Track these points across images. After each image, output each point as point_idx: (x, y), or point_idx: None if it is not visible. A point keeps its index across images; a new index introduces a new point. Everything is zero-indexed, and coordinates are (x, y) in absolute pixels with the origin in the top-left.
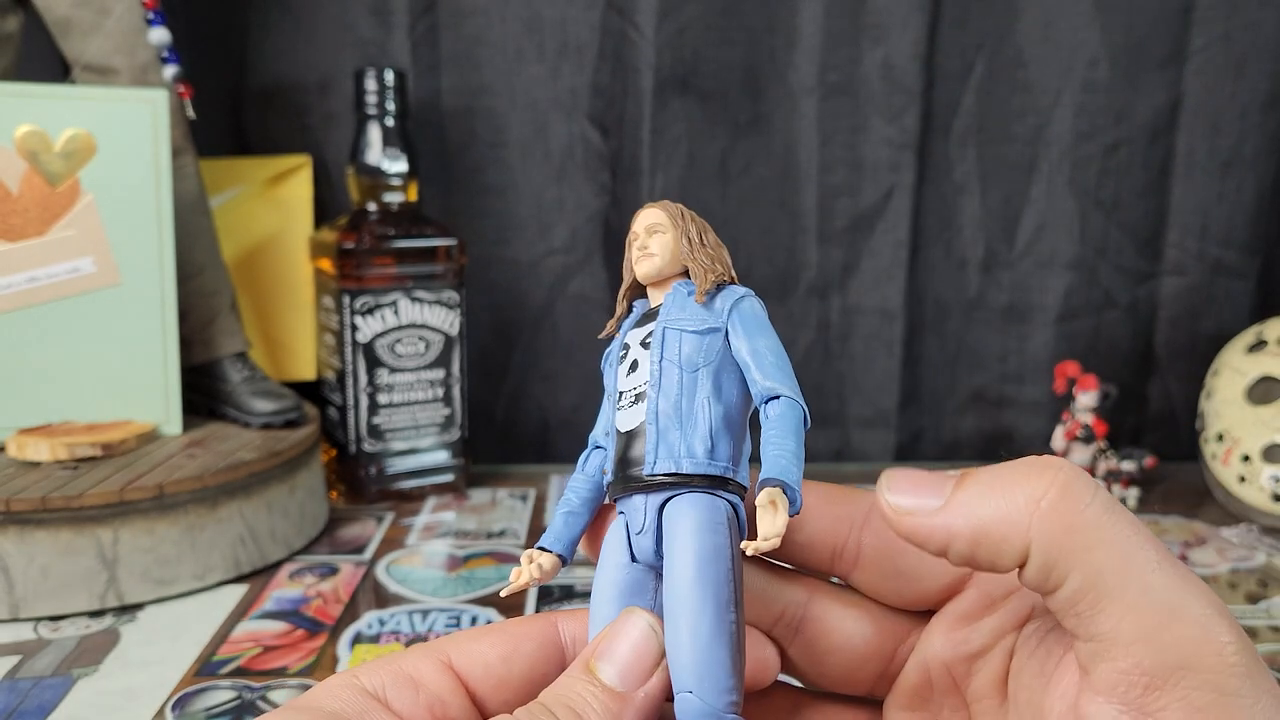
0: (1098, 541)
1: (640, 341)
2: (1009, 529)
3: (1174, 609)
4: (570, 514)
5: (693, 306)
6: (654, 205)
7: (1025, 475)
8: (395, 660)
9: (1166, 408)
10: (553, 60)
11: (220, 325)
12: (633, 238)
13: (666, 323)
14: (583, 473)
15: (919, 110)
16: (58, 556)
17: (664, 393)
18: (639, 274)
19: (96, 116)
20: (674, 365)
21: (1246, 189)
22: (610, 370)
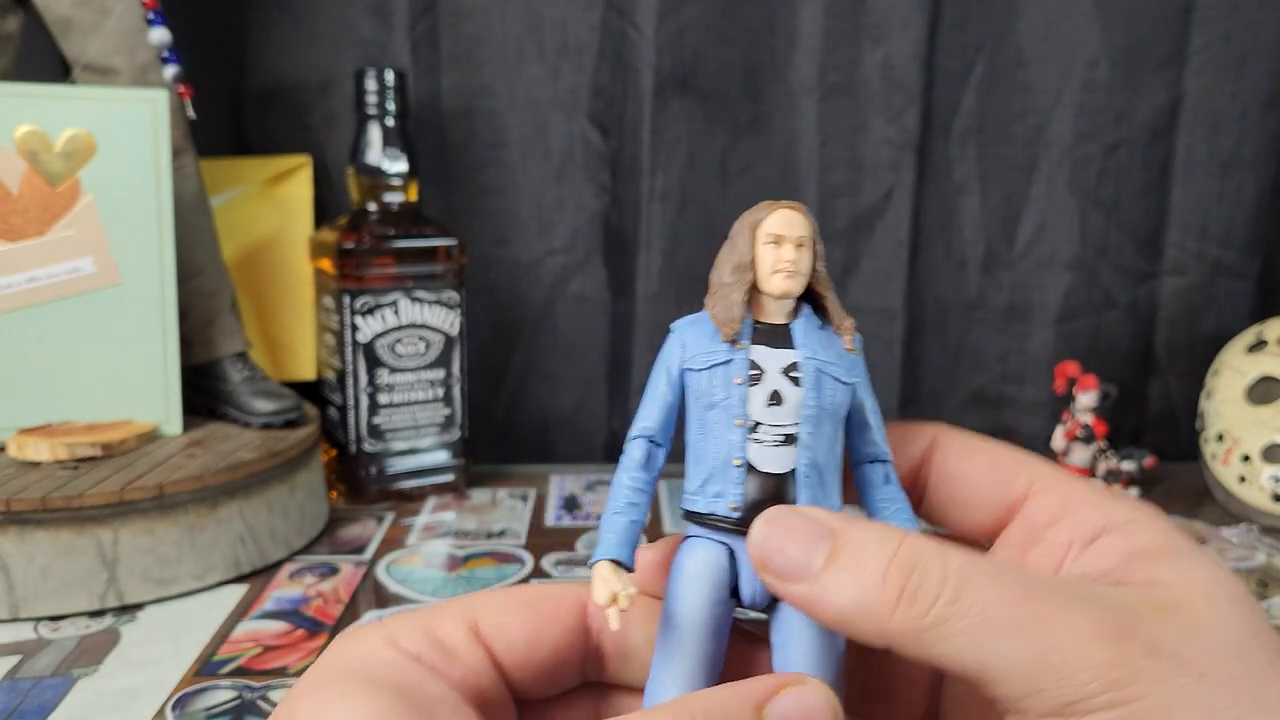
0: (952, 633)
1: (782, 370)
2: (866, 624)
3: (1043, 666)
4: (635, 522)
5: (840, 351)
6: (797, 210)
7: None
8: (427, 623)
9: (1166, 408)
10: (553, 60)
11: (220, 325)
12: (770, 240)
13: (820, 364)
14: (643, 471)
15: (919, 110)
16: (58, 556)
17: (817, 443)
18: (780, 289)
19: (97, 116)
20: (826, 415)
21: (1246, 189)
22: (724, 384)
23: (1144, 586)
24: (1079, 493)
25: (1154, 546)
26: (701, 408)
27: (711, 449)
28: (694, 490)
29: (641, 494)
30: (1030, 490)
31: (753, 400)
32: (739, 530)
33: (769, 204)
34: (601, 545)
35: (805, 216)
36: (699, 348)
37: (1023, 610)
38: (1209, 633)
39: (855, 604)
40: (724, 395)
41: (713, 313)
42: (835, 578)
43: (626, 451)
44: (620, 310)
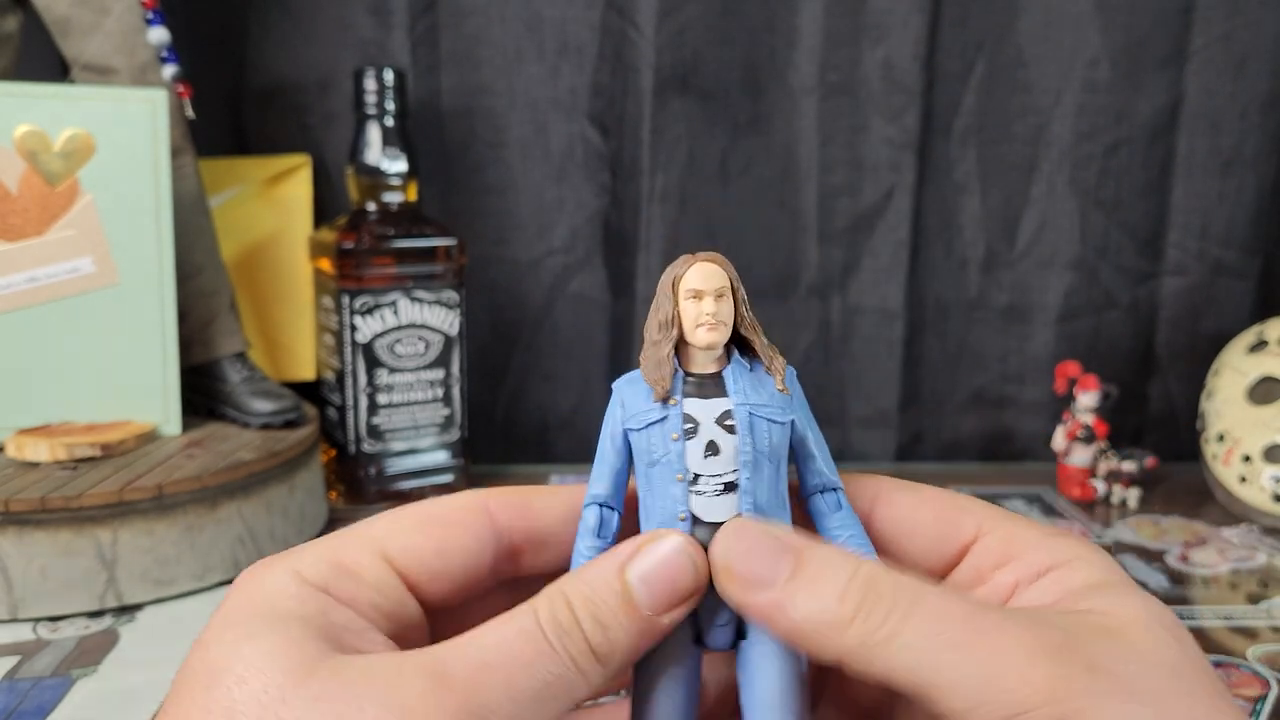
0: (901, 648)
1: (716, 420)
2: (823, 638)
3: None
4: None
5: (772, 392)
6: (712, 261)
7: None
8: (331, 550)
9: (1167, 408)
10: (553, 60)
11: (219, 325)
12: (691, 295)
13: (751, 408)
14: (598, 539)
15: (919, 110)
16: (57, 557)
17: (757, 487)
18: (705, 342)
19: (96, 116)
20: (764, 457)
21: (1247, 189)
22: (662, 441)
23: (1083, 614)
24: (1024, 534)
25: (1092, 582)
26: (644, 465)
27: (657, 505)
28: None
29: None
30: (977, 534)
31: (690, 454)
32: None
33: (687, 258)
34: None
35: (723, 267)
36: (636, 407)
37: (970, 627)
38: (1144, 655)
39: (814, 618)
40: (663, 452)
41: (644, 372)
42: (798, 592)
43: (583, 518)
44: (620, 310)
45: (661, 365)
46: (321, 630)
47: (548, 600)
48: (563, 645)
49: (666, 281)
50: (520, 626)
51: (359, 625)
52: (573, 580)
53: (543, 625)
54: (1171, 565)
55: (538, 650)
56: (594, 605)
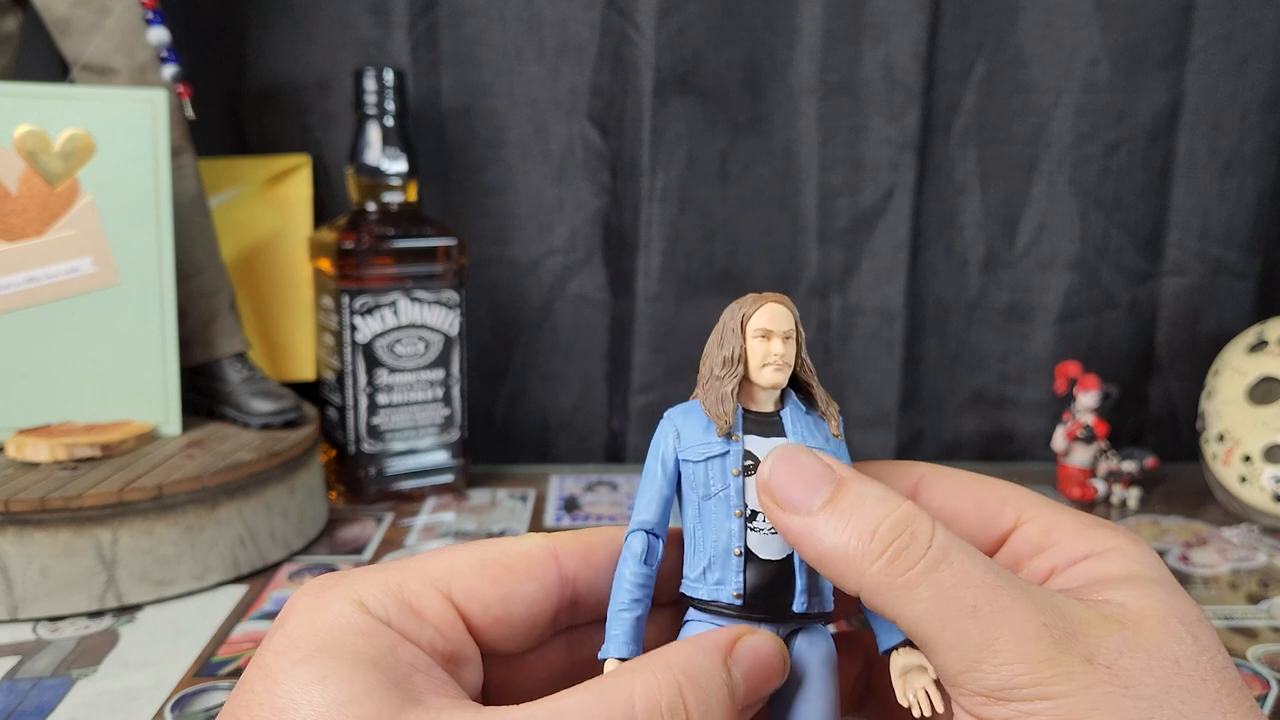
0: (919, 598)
1: None
2: (845, 569)
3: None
4: (640, 619)
5: (827, 435)
6: (781, 304)
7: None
8: (395, 583)
9: (1167, 408)
10: (552, 60)
11: (219, 325)
12: (759, 334)
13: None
14: (644, 566)
15: (919, 110)
16: (57, 557)
17: None
18: (771, 382)
19: (96, 116)
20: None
21: (1247, 189)
22: (721, 475)
23: (1100, 604)
24: (1064, 523)
25: (1123, 574)
26: (699, 497)
27: (710, 537)
28: (694, 577)
29: (644, 589)
30: (1017, 522)
31: (749, 490)
32: (743, 617)
33: (755, 297)
34: (610, 641)
35: (790, 309)
36: (693, 439)
37: (988, 595)
38: (1151, 649)
39: (840, 549)
40: (721, 486)
41: (705, 405)
42: (829, 520)
43: (628, 544)
44: (620, 310)
45: (725, 401)
46: (391, 675)
47: (652, 680)
48: None
49: (734, 318)
50: (611, 711)
51: (425, 664)
52: (678, 654)
53: (640, 710)
54: (1172, 565)
55: None
56: (703, 693)
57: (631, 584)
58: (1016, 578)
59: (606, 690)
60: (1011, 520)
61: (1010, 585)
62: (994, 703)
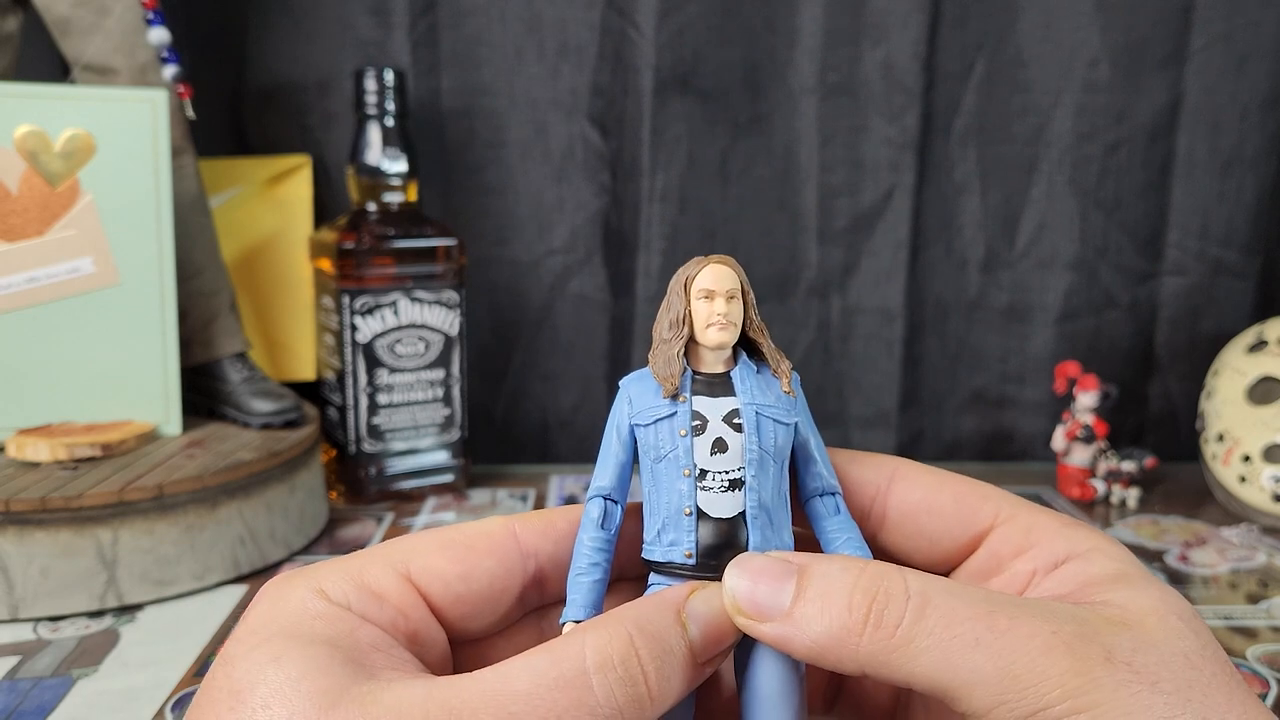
0: (919, 651)
1: (723, 418)
2: (839, 652)
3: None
4: (598, 581)
5: (778, 394)
6: (724, 264)
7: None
8: (355, 569)
9: (1167, 408)
10: (553, 60)
11: (220, 325)
12: (702, 295)
13: (759, 408)
14: (601, 530)
15: (919, 110)
16: (57, 557)
17: (762, 485)
18: (715, 342)
19: (96, 116)
20: (769, 456)
21: (1247, 189)
22: (670, 436)
23: (1099, 606)
24: (1042, 523)
25: (1109, 574)
26: (650, 460)
27: (663, 499)
28: (650, 540)
29: (602, 553)
30: (995, 521)
31: (697, 449)
32: (696, 575)
33: (699, 260)
34: (570, 605)
35: (734, 269)
36: (644, 403)
37: (984, 624)
38: (1160, 645)
39: (826, 634)
40: (670, 447)
41: (654, 369)
42: (805, 610)
43: (586, 511)
44: (620, 310)
45: (671, 363)
46: (348, 652)
47: (604, 634)
48: (610, 689)
49: (679, 281)
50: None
51: (386, 643)
52: (632, 611)
53: (591, 665)
54: (1171, 565)
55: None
56: (656, 645)
57: (590, 548)
58: (1005, 595)
59: (557, 648)
60: (989, 519)
61: (1004, 605)
62: None
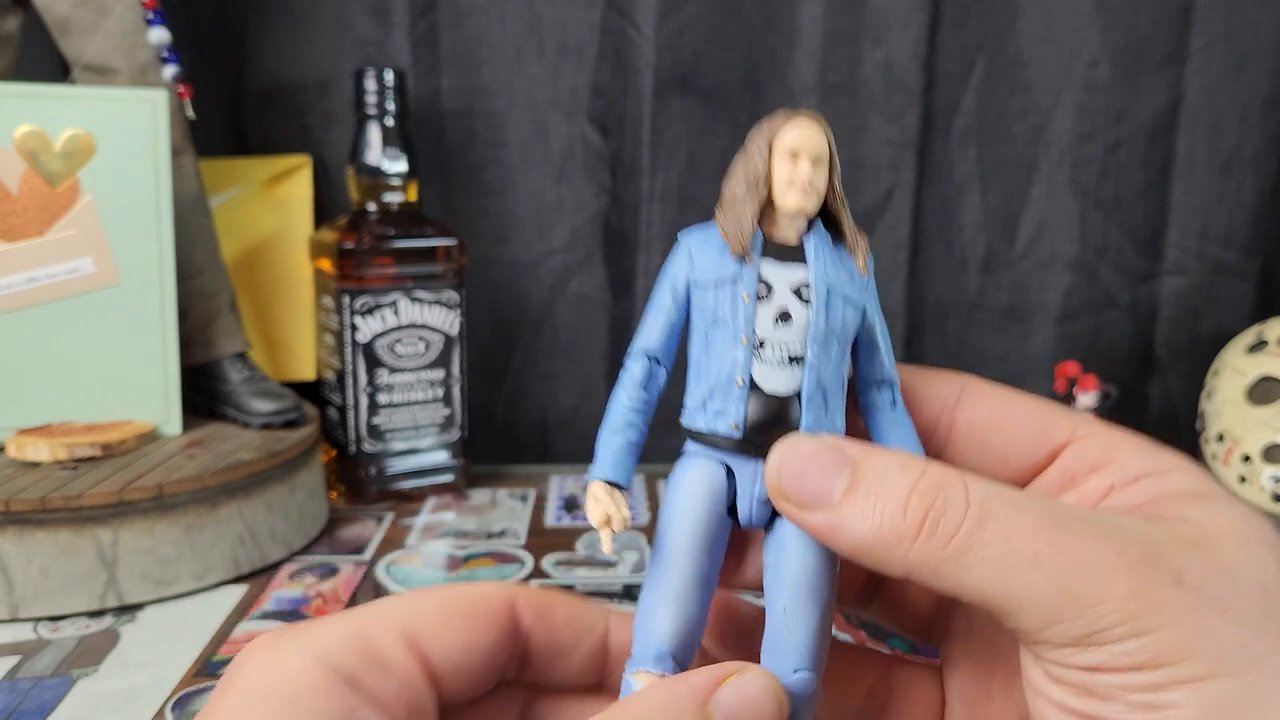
0: (973, 563)
1: (792, 289)
2: (887, 554)
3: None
4: (633, 443)
5: (852, 272)
6: (817, 123)
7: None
8: (358, 632)
9: (1167, 408)
10: (553, 60)
11: (220, 325)
12: (787, 155)
13: (831, 283)
14: (644, 390)
15: (919, 110)
16: (57, 557)
17: (823, 365)
18: (795, 206)
19: (96, 116)
20: (834, 336)
21: (1247, 189)
22: (731, 300)
23: (1173, 522)
24: (1123, 440)
25: (1189, 490)
26: (706, 323)
27: (715, 366)
28: (694, 407)
29: (640, 414)
30: (1072, 437)
31: (760, 317)
32: (739, 449)
33: (786, 113)
34: (597, 464)
35: (823, 129)
36: (706, 261)
37: (1045, 540)
38: (1236, 571)
39: (876, 533)
40: (730, 311)
41: (722, 225)
42: (856, 507)
43: (626, 368)
44: (620, 310)
45: (743, 221)
46: None
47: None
48: None
49: (761, 136)
50: None
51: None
52: (644, 703)
53: None
54: None
55: None
56: None
57: (627, 407)
58: (1074, 509)
59: None
60: (1065, 435)
61: (1069, 520)
62: (1084, 649)
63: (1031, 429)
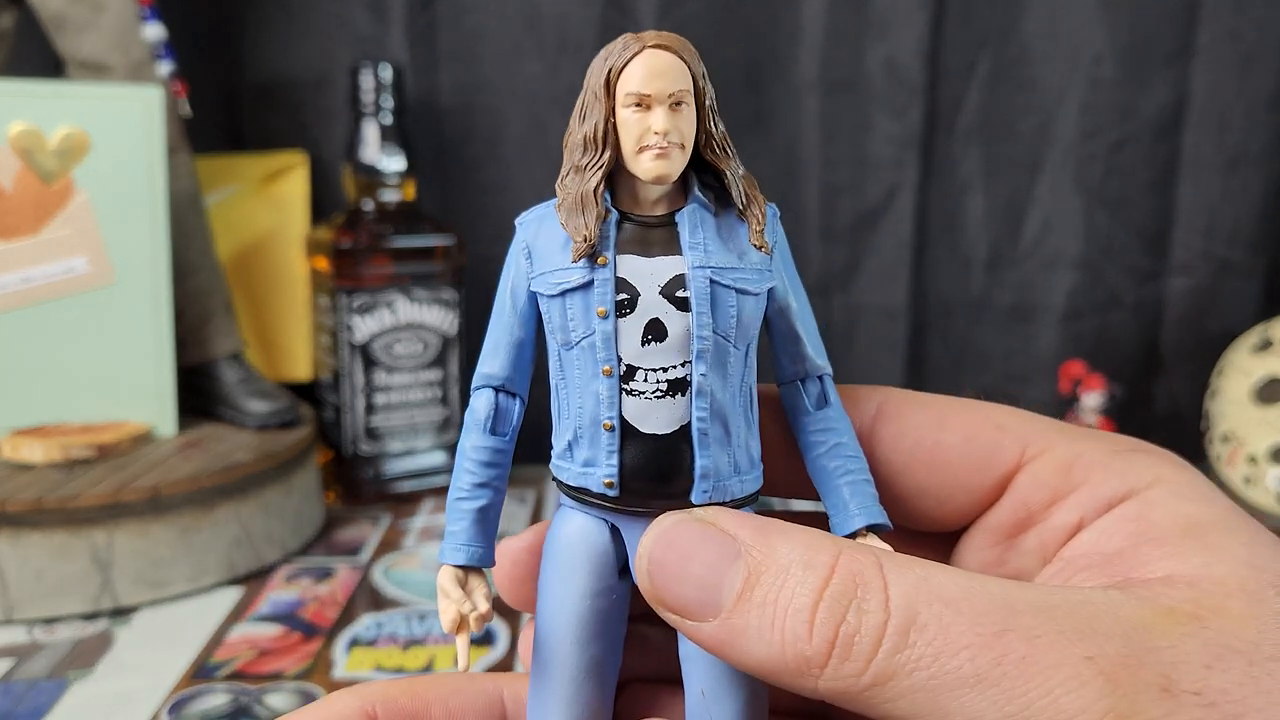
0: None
1: (661, 290)
2: (794, 681)
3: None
4: (487, 508)
5: (744, 247)
6: (667, 48)
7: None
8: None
9: (1172, 408)
10: (551, 57)
11: (215, 326)
12: (633, 100)
13: (714, 273)
14: (492, 436)
15: (923, 107)
16: (52, 559)
17: (717, 383)
18: (652, 174)
19: (91, 114)
20: (729, 343)
21: (1253, 187)
22: (583, 314)
23: (1158, 586)
24: (1086, 454)
25: (1175, 524)
26: (558, 345)
27: (575, 403)
28: (560, 453)
29: (492, 468)
30: (1022, 458)
31: (623, 336)
32: (620, 509)
33: (629, 40)
34: (445, 544)
35: (682, 56)
36: (548, 262)
37: (993, 651)
38: (1248, 646)
39: (778, 657)
40: (584, 331)
41: (561, 213)
42: (750, 618)
43: (470, 408)
44: None
45: (586, 204)
46: None
47: None
48: None
49: (598, 74)
50: None
51: None
52: None
53: None
54: None
55: None
56: None
57: (474, 461)
58: (1026, 596)
59: None
60: (1014, 456)
61: (1021, 615)
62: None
63: (969, 457)
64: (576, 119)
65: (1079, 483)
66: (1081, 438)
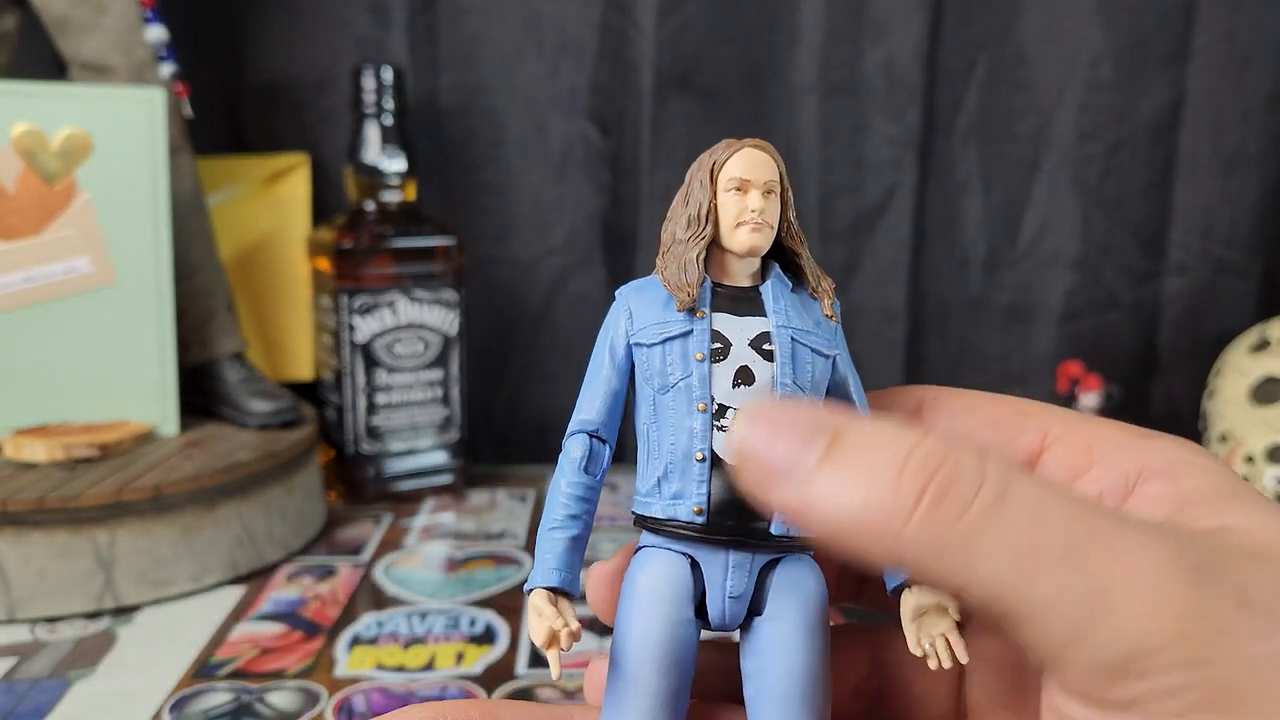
0: (985, 551)
1: (751, 342)
2: (873, 537)
3: (1099, 604)
4: (578, 539)
5: (818, 318)
6: (764, 150)
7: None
8: None
9: (1169, 408)
10: (552, 58)
11: (217, 325)
12: (733, 187)
13: (795, 333)
14: (585, 474)
15: (921, 109)
16: (54, 558)
17: None
18: (746, 246)
19: (93, 115)
20: (803, 392)
21: (1250, 188)
22: (681, 360)
23: (1218, 532)
24: (1105, 437)
25: (1211, 490)
26: (654, 390)
27: (668, 440)
28: (647, 491)
29: (583, 503)
30: (1045, 443)
31: (717, 379)
32: (704, 539)
33: (730, 142)
34: (537, 569)
35: (772, 157)
36: (649, 318)
37: (1082, 530)
38: None
39: (860, 508)
40: (682, 374)
41: (664, 275)
42: (835, 474)
43: (565, 450)
44: None
45: (688, 269)
46: None
47: None
48: None
49: (703, 168)
50: None
51: None
52: None
53: None
54: None
55: None
56: None
57: (568, 496)
58: (1110, 509)
59: None
60: (1037, 440)
61: (1106, 512)
62: (1117, 681)
63: (998, 437)
64: (680, 204)
65: (1098, 461)
66: (1100, 425)
